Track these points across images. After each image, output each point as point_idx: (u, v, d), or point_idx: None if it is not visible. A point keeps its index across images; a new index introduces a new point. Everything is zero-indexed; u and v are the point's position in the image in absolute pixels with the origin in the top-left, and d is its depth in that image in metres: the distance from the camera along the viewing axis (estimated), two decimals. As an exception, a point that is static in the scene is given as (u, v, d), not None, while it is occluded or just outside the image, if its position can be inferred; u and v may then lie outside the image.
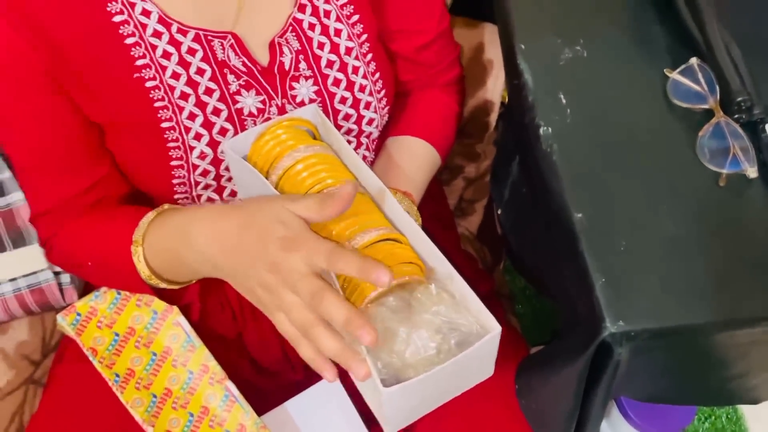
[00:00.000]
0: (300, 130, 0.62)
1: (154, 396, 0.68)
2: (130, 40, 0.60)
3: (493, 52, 0.98)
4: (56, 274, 0.83)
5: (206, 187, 0.66)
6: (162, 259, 0.63)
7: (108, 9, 0.59)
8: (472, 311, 0.55)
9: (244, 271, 0.53)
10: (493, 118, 1.05)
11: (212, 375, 0.70)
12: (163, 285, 0.66)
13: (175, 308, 0.73)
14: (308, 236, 0.51)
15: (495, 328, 0.53)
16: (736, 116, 0.67)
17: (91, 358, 0.69)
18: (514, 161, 0.80)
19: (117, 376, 0.69)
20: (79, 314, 0.72)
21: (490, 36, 0.97)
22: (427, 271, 0.57)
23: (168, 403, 0.68)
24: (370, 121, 0.70)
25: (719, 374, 0.67)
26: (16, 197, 0.84)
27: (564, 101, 0.69)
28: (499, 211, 0.87)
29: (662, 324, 0.59)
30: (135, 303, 0.73)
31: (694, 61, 0.71)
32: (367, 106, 0.69)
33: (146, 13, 0.60)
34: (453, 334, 0.53)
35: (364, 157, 0.75)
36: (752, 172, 0.65)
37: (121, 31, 0.60)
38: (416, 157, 0.75)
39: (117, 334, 0.71)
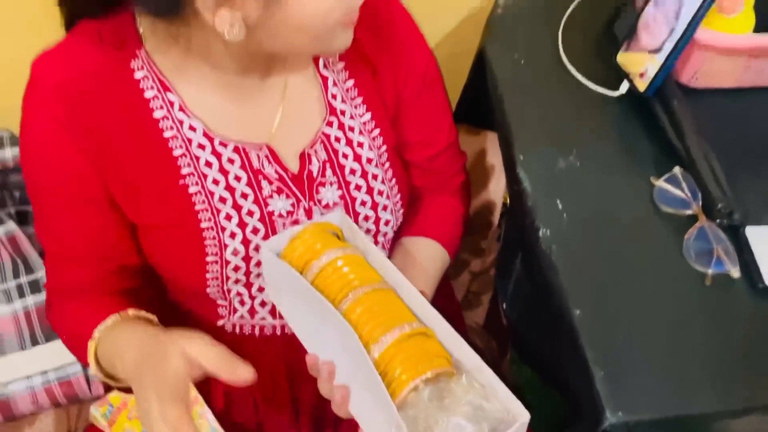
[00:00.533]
0: (327, 233, 0.68)
1: (180, 486, 0.71)
2: (177, 152, 0.68)
3: (494, 158, 1.05)
4: (84, 366, 0.87)
5: (236, 281, 0.71)
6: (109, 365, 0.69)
7: (160, 126, 0.67)
8: (501, 399, 0.59)
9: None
10: (496, 216, 1.11)
11: (234, 466, 0.73)
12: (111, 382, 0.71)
13: (200, 399, 0.76)
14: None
15: (524, 415, 0.57)
16: (718, 221, 0.73)
17: (120, 449, 0.73)
18: (517, 258, 0.85)
19: (144, 466, 0.72)
20: (111, 405, 0.75)
21: (491, 143, 1.05)
22: (456, 362, 0.62)
23: (192, 492, 0.71)
24: (387, 222, 0.76)
25: (718, 463, 0.70)
26: (51, 294, 0.90)
27: (560, 206, 0.75)
28: (504, 305, 0.91)
29: (660, 415, 0.63)
30: (163, 395, 0.76)
31: (677, 170, 0.77)
32: (385, 208, 0.75)
33: (192, 128, 0.68)
34: (485, 422, 0.57)
35: None
36: (735, 272, 0.70)
37: (170, 145, 0.67)
38: (429, 256, 0.81)
39: (146, 426, 0.74)
